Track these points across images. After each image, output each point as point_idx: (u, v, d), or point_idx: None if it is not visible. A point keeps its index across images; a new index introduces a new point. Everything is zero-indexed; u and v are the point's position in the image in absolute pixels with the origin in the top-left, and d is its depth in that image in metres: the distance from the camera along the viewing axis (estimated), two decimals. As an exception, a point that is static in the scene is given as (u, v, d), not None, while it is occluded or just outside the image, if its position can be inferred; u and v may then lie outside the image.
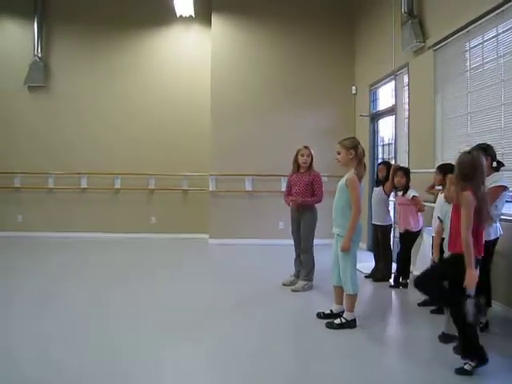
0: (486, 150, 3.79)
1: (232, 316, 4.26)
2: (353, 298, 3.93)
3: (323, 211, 5.14)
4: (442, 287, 3.15)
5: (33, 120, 8.84)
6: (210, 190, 8.41)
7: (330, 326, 3.90)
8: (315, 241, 5.24)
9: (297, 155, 5.23)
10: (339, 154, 3.94)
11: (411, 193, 5.15)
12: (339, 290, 4.05)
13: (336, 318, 3.95)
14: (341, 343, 3.63)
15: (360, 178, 3.88)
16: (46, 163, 8.74)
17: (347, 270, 3.90)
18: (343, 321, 3.89)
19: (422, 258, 4.98)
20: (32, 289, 5.00)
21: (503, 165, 3.88)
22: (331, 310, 4.13)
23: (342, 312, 4.01)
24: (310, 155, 5.19)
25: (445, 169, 4.30)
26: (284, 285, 5.28)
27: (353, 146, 3.90)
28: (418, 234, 5.20)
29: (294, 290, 5.07)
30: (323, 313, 4.13)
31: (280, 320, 4.19)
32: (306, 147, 5.22)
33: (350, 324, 3.89)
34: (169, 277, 5.85)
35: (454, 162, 3.18)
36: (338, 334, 3.80)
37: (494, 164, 3.77)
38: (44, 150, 8.79)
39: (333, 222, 4.03)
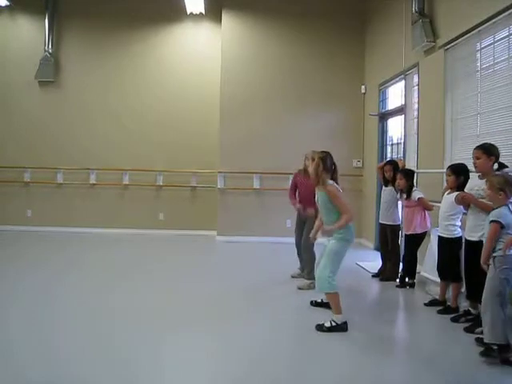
0: (489, 149, 3.78)
1: (233, 314, 4.27)
2: (333, 297, 3.85)
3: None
4: None
5: (43, 115, 8.91)
6: (219, 187, 8.44)
7: (320, 328, 3.80)
8: (320, 239, 5.26)
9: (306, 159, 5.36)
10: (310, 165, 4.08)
11: (416, 195, 5.13)
12: None
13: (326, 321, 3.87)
14: (344, 342, 3.63)
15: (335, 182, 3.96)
16: (55, 158, 8.80)
17: (326, 268, 3.82)
18: (333, 324, 3.80)
19: (430, 259, 4.96)
20: (37, 283, 5.07)
21: (506, 166, 3.84)
22: (322, 299, 4.25)
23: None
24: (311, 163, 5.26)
25: (458, 170, 4.26)
26: (293, 277, 5.47)
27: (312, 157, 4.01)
28: (423, 235, 5.17)
29: (299, 288, 5.10)
30: (315, 301, 4.30)
31: (284, 318, 4.20)
32: (313, 151, 5.28)
33: (342, 327, 3.79)
34: (173, 273, 5.88)
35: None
36: (341, 333, 3.78)
37: (496, 166, 3.75)
38: (53, 144, 8.86)
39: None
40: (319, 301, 4.34)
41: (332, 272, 3.82)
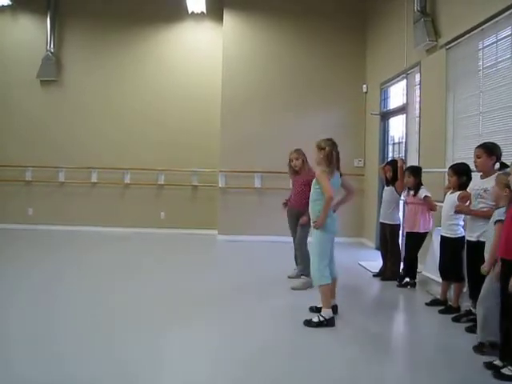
0: (490, 148, 3.77)
1: (228, 314, 4.25)
2: (324, 290, 3.90)
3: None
4: None
5: (44, 114, 8.91)
6: (220, 186, 8.43)
7: (308, 324, 3.83)
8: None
9: (290, 160, 5.39)
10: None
11: (423, 193, 5.09)
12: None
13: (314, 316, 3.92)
14: (343, 341, 3.62)
15: (329, 173, 3.97)
16: (56, 157, 8.80)
17: (314, 261, 3.94)
18: (321, 319, 3.84)
19: (432, 258, 4.95)
20: (37, 282, 5.07)
21: (507, 166, 3.82)
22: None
23: (336, 306, 4.06)
24: (300, 158, 5.30)
25: (460, 170, 4.25)
26: (289, 277, 5.41)
27: (323, 147, 4.01)
28: (425, 234, 5.15)
29: (293, 288, 5.07)
30: (315, 307, 4.12)
31: (278, 317, 4.18)
32: (295, 150, 5.38)
33: (330, 322, 3.83)
34: (173, 273, 5.86)
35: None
36: (338, 331, 3.77)
37: (497, 165, 3.73)
38: (55, 143, 8.86)
39: None
40: (319, 307, 4.16)
41: (320, 263, 3.90)
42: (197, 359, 3.25)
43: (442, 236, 4.44)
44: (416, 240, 5.19)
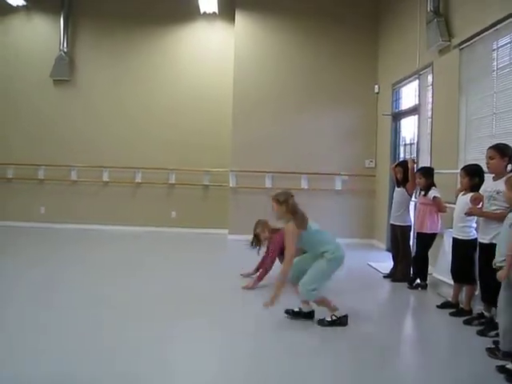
0: (503, 150, 3.73)
1: (227, 312, 4.25)
2: (321, 301, 3.85)
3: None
4: None
5: (57, 113, 9.00)
6: (231, 185, 8.45)
7: (321, 323, 3.84)
8: None
9: (256, 235, 5.38)
10: (275, 208, 3.96)
11: (432, 193, 5.06)
12: None
13: (312, 317, 3.92)
14: (352, 343, 3.59)
15: (300, 224, 3.83)
16: (69, 156, 8.88)
17: (313, 283, 3.77)
18: (333, 318, 3.83)
19: (443, 260, 4.91)
20: (42, 279, 5.10)
21: None
22: (300, 308, 3.99)
23: (313, 312, 3.97)
24: (266, 230, 5.30)
25: (472, 172, 4.20)
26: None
27: (283, 200, 3.89)
28: (434, 235, 5.12)
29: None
30: (292, 310, 4.02)
31: (280, 317, 4.11)
32: (259, 222, 5.44)
33: (342, 321, 3.82)
34: (181, 271, 5.87)
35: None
36: (346, 332, 3.75)
37: (509, 167, 3.69)
38: (67, 142, 8.94)
39: None
40: (296, 310, 4.03)
41: (316, 289, 3.79)
42: (197, 359, 3.24)
43: (453, 238, 4.40)
44: (424, 240, 5.16)
